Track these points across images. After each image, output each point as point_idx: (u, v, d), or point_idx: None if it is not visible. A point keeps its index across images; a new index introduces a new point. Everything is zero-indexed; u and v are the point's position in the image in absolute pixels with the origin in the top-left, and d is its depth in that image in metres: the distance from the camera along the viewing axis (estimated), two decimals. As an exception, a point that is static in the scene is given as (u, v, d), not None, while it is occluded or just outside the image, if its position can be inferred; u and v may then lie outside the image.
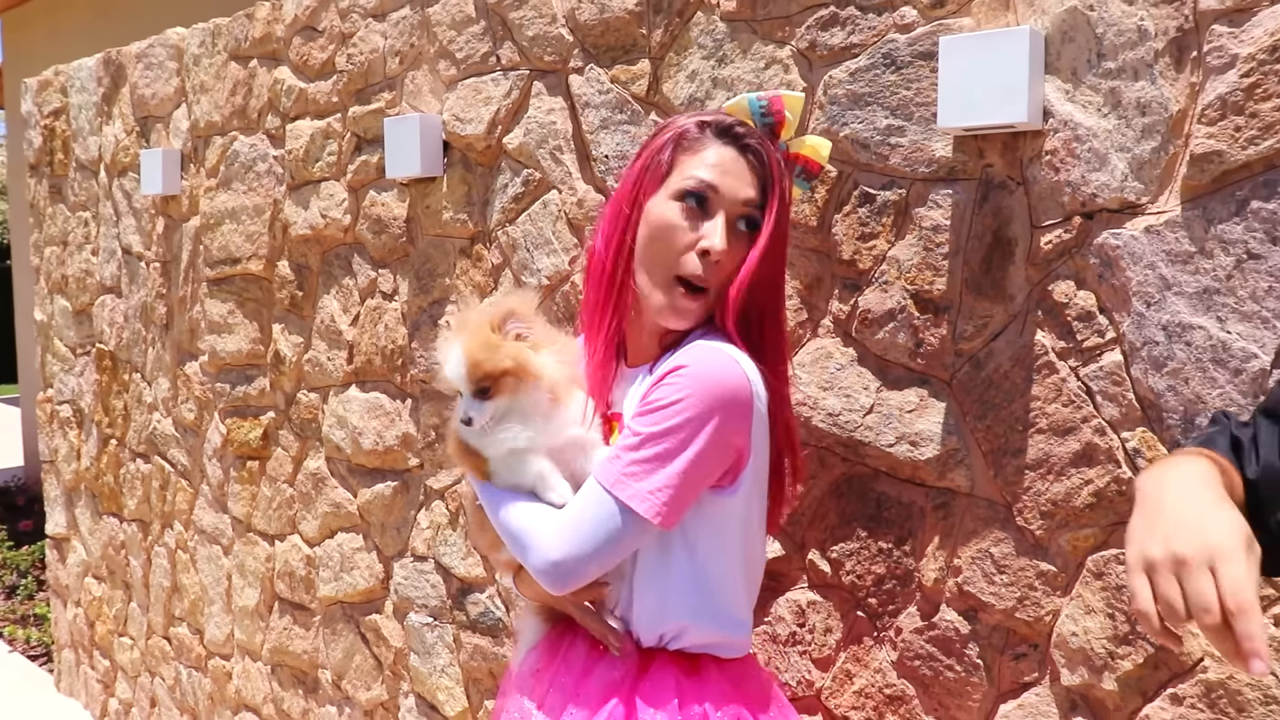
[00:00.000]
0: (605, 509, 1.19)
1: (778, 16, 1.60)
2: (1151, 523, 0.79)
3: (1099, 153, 1.32)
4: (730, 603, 1.28)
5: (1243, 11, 1.21)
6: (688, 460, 1.17)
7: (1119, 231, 1.31)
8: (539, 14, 1.90)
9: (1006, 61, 1.36)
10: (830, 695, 1.62)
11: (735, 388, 1.19)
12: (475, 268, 2.05)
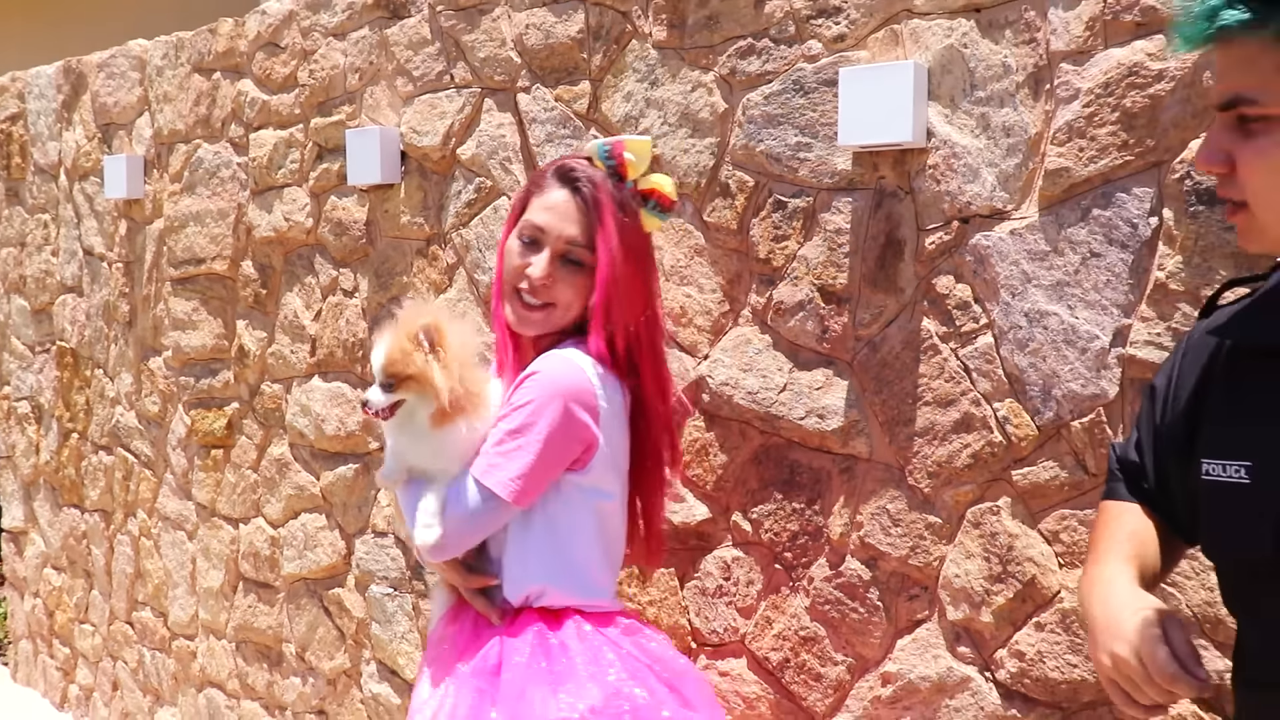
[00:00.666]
0: (474, 495, 1.48)
1: (702, 46, 1.83)
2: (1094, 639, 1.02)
3: (972, 167, 1.57)
4: (586, 569, 1.55)
5: (1084, 53, 1.47)
6: (537, 450, 1.46)
7: (989, 234, 1.56)
8: (490, 38, 2.11)
9: (895, 89, 1.60)
10: (753, 639, 1.85)
11: (577, 388, 1.48)
12: (431, 267, 2.25)
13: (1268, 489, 0.96)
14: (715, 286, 1.86)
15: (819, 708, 1.78)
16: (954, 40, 1.57)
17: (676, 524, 1.92)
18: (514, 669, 1.48)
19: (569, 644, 1.50)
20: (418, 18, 2.23)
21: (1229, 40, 0.89)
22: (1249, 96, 0.90)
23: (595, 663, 1.49)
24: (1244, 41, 0.88)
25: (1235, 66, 0.91)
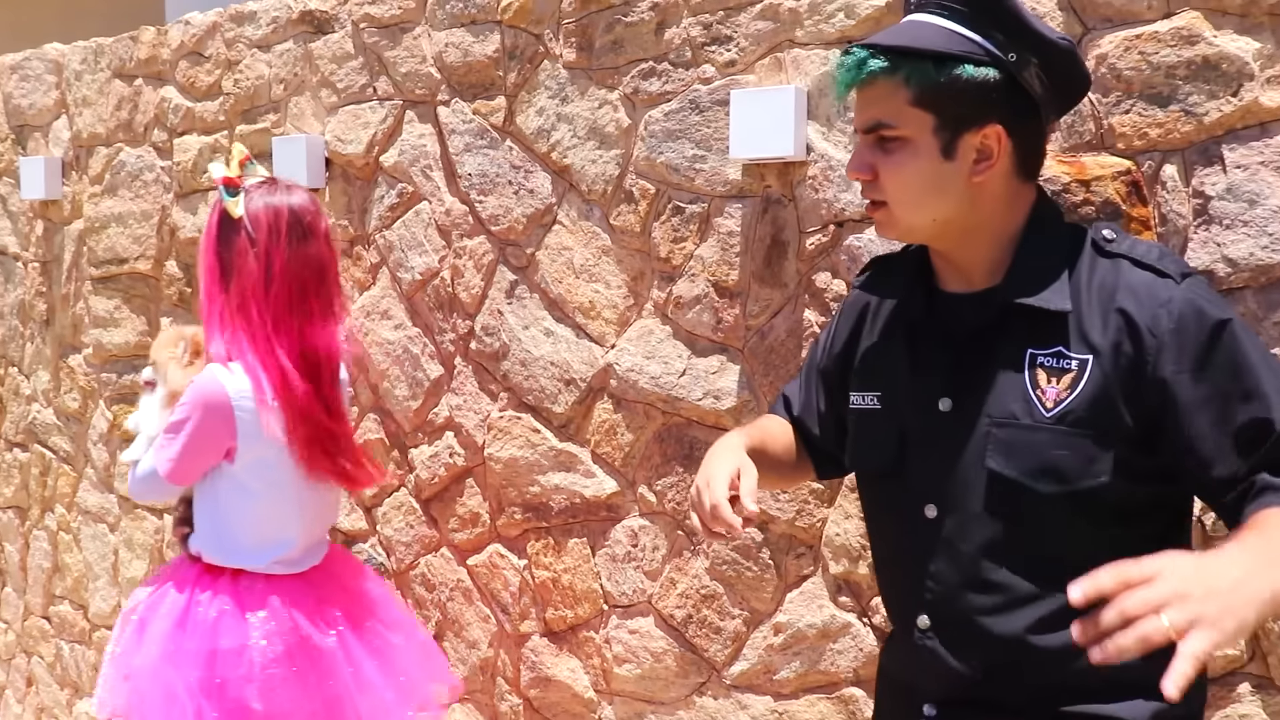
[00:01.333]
0: (147, 465, 1.89)
1: (608, 67, 2.04)
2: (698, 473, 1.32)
3: (845, 178, 1.81)
4: (237, 538, 1.87)
5: (934, 81, 1.72)
6: (182, 443, 1.81)
7: (860, 236, 1.80)
8: (411, 54, 2.28)
9: (779, 109, 1.83)
10: (659, 599, 2.06)
11: (213, 399, 1.79)
12: (356, 265, 2.41)
13: (889, 412, 1.30)
14: (621, 283, 2.07)
15: (719, 658, 2.00)
16: (830, 68, 1.81)
17: (588, 497, 2.12)
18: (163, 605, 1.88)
19: (204, 598, 1.86)
20: (341, 33, 2.39)
21: (871, 82, 1.20)
22: (887, 122, 1.20)
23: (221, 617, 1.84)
24: (881, 83, 1.19)
25: (875, 101, 1.21)
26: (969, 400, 1.22)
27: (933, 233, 1.25)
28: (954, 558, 1.22)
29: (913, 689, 1.29)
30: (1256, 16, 1.55)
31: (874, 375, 1.33)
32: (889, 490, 1.31)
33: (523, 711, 2.26)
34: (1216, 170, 1.59)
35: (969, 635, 1.22)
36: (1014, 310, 1.21)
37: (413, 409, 2.35)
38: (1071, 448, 1.16)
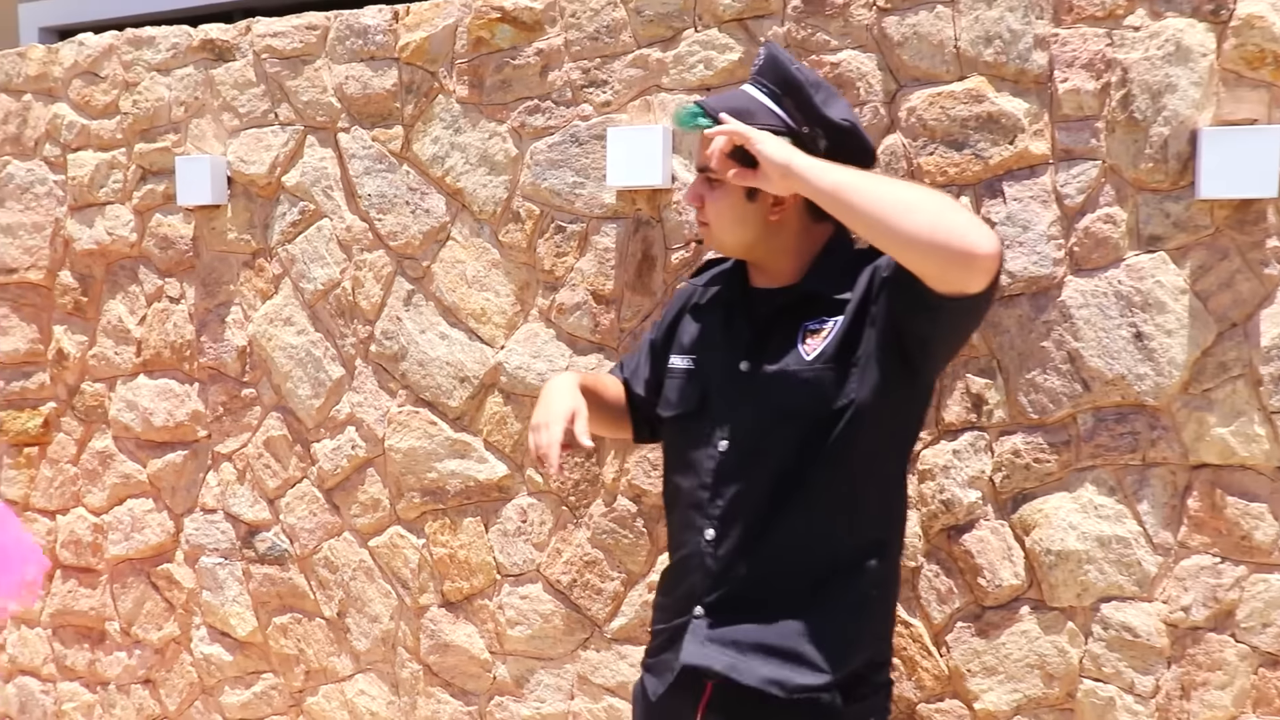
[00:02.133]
0: None
1: (498, 103, 2.33)
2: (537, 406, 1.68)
3: (703, 204, 2.16)
4: None
5: (776, 125, 2.09)
6: None
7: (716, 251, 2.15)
8: (312, 84, 2.51)
9: (648, 144, 2.16)
10: (546, 567, 2.36)
11: None
12: (259, 276, 2.62)
13: (699, 371, 1.69)
14: (509, 292, 2.36)
15: (600, 615, 2.32)
16: (673, 117, 2.15)
17: (481, 480, 2.40)
18: None
19: None
20: (243, 62, 2.59)
21: (700, 133, 1.60)
22: (711, 167, 1.60)
23: None
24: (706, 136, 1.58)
25: (702, 149, 1.61)
26: (761, 361, 1.62)
27: (742, 251, 1.69)
28: (735, 480, 1.61)
29: (689, 592, 1.64)
30: (1025, 83, 1.98)
31: (692, 344, 1.73)
32: (690, 430, 1.68)
33: (423, 676, 2.52)
34: (999, 202, 2.01)
35: (744, 541, 1.60)
36: (801, 297, 1.62)
37: (315, 407, 2.57)
38: (823, 379, 1.57)
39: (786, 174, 1.49)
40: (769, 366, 1.61)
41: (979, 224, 1.47)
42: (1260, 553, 1.92)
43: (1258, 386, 1.90)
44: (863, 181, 1.48)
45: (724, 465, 1.62)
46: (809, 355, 1.59)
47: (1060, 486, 2.01)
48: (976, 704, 2.07)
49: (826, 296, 1.61)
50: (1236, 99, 1.88)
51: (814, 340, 1.60)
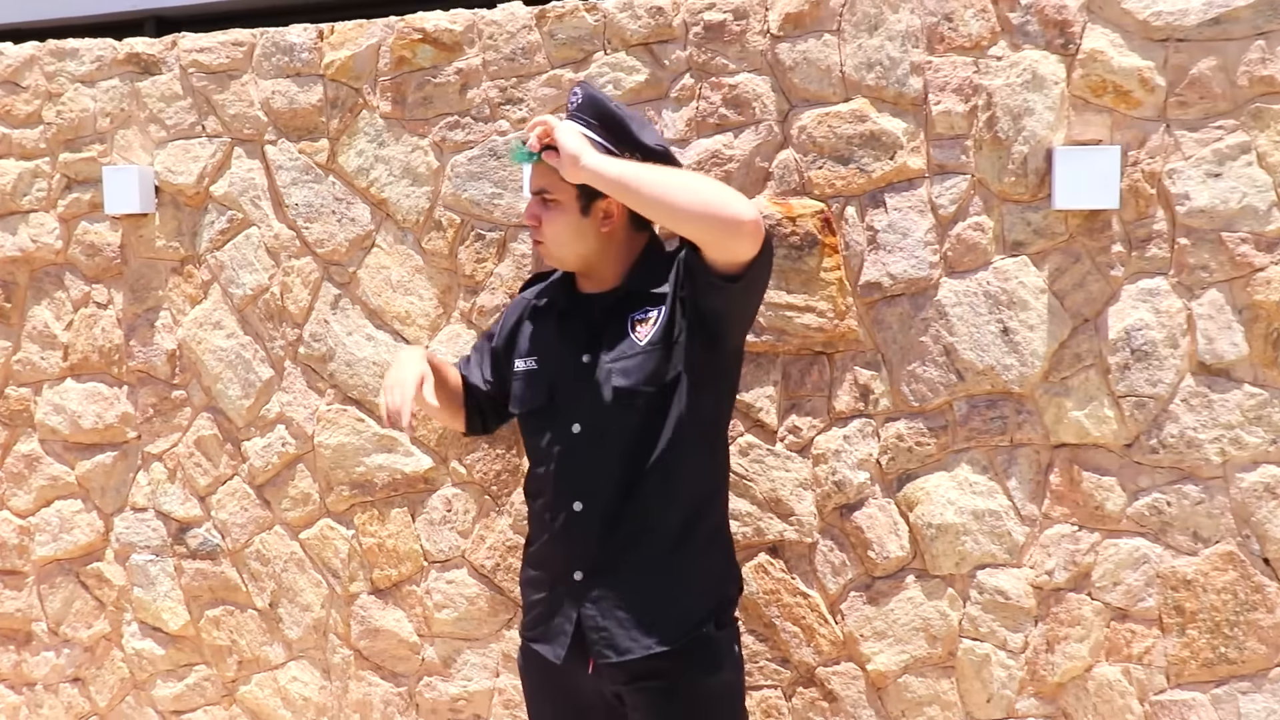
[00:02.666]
0: None
1: (420, 119, 2.47)
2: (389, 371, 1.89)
3: (614, 213, 2.33)
4: None
5: (685, 140, 2.28)
6: None
7: (627, 258, 2.32)
8: (239, 98, 2.62)
9: (562, 158, 2.33)
10: (471, 553, 2.51)
11: None
12: (187, 282, 2.71)
13: (544, 370, 1.91)
14: (432, 296, 2.51)
15: (521, 596, 2.48)
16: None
17: (407, 473, 2.54)
18: None
19: None
20: (169, 75, 2.68)
21: (540, 163, 1.81)
22: (548, 189, 1.83)
23: None
24: (544, 164, 1.80)
25: (541, 174, 1.83)
26: (599, 353, 1.85)
27: (577, 263, 1.90)
28: (592, 457, 1.83)
29: (565, 561, 1.85)
30: (903, 105, 2.20)
31: (533, 347, 1.95)
32: (543, 421, 1.89)
33: (354, 661, 2.64)
34: (881, 211, 2.22)
35: (609, 508, 1.82)
36: (626, 295, 1.86)
37: (245, 406, 2.67)
38: (655, 358, 1.81)
39: (576, 163, 1.73)
40: (606, 355, 1.84)
41: (741, 198, 1.75)
42: (1111, 520, 2.17)
43: (1107, 374, 2.15)
44: (643, 171, 1.74)
45: (581, 446, 1.84)
46: (640, 341, 1.84)
47: (939, 467, 2.24)
48: (869, 665, 2.29)
49: (647, 292, 1.86)
50: (1084, 122, 2.12)
51: (643, 328, 1.85)
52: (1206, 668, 2.16)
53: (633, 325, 1.86)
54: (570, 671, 1.86)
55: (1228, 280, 2.10)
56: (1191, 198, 2.09)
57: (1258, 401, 2.10)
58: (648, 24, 2.31)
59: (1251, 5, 2.04)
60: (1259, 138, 2.07)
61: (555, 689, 1.92)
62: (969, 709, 2.26)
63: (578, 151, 1.73)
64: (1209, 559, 2.14)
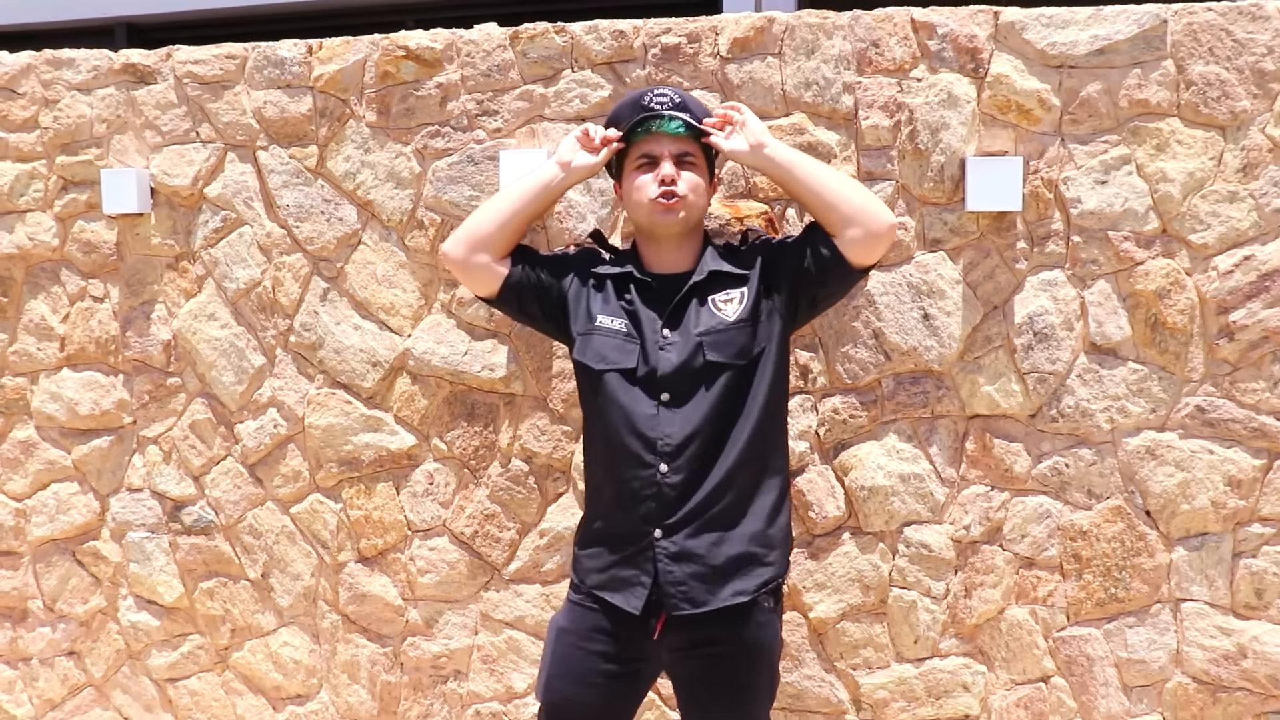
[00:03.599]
0: None
1: (403, 128, 2.72)
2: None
3: (580, 213, 2.61)
4: None
5: (642, 149, 2.56)
6: None
7: (593, 254, 2.60)
8: (232, 107, 2.84)
9: (534, 164, 2.59)
10: (451, 522, 2.77)
11: None
12: (182, 277, 2.92)
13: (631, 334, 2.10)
14: (415, 289, 2.76)
15: (499, 560, 2.74)
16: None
17: (392, 450, 2.78)
18: None
19: None
20: (164, 85, 2.89)
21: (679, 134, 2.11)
22: (691, 153, 2.12)
23: None
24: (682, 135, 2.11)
25: (679, 142, 2.11)
26: (685, 328, 2.08)
27: (694, 224, 2.15)
28: (681, 424, 2.05)
29: (644, 519, 2.06)
30: (837, 120, 2.50)
31: (618, 309, 2.13)
32: (629, 384, 2.07)
33: (342, 625, 2.88)
34: (816, 213, 2.52)
35: (693, 474, 2.04)
36: (710, 276, 2.12)
37: (239, 392, 2.89)
38: (745, 334, 2.07)
39: (762, 146, 2.10)
40: (695, 329, 2.07)
41: (882, 203, 2.13)
42: (1019, 481, 2.50)
43: (1013, 354, 2.48)
44: (809, 162, 2.14)
45: (669, 412, 2.05)
46: (729, 318, 2.08)
47: (870, 436, 2.55)
48: (811, 614, 2.59)
49: (725, 274, 2.13)
50: (992, 135, 2.45)
51: (729, 306, 2.10)
52: (1099, 606, 2.50)
53: (716, 305, 2.10)
54: (634, 626, 2.05)
55: (1114, 272, 2.44)
56: (1083, 201, 2.43)
57: (1139, 376, 2.45)
58: (611, 45, 2.59)
59: (1129, 39, 2.38)
60: (1137, 151, 2.41)
61: (608, 641, 2.09)
62: (899, 650, 2.57)
63: (764, 134, 2.13)
64: (1101, 513, 2.48)
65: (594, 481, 2.20)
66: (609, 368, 2.10)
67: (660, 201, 2.08)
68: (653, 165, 2.11)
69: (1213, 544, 2.45)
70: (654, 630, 2.06)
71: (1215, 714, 2.47)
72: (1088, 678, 2.51)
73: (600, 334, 2.13)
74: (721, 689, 2.08)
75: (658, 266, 2.16)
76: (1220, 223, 2.40)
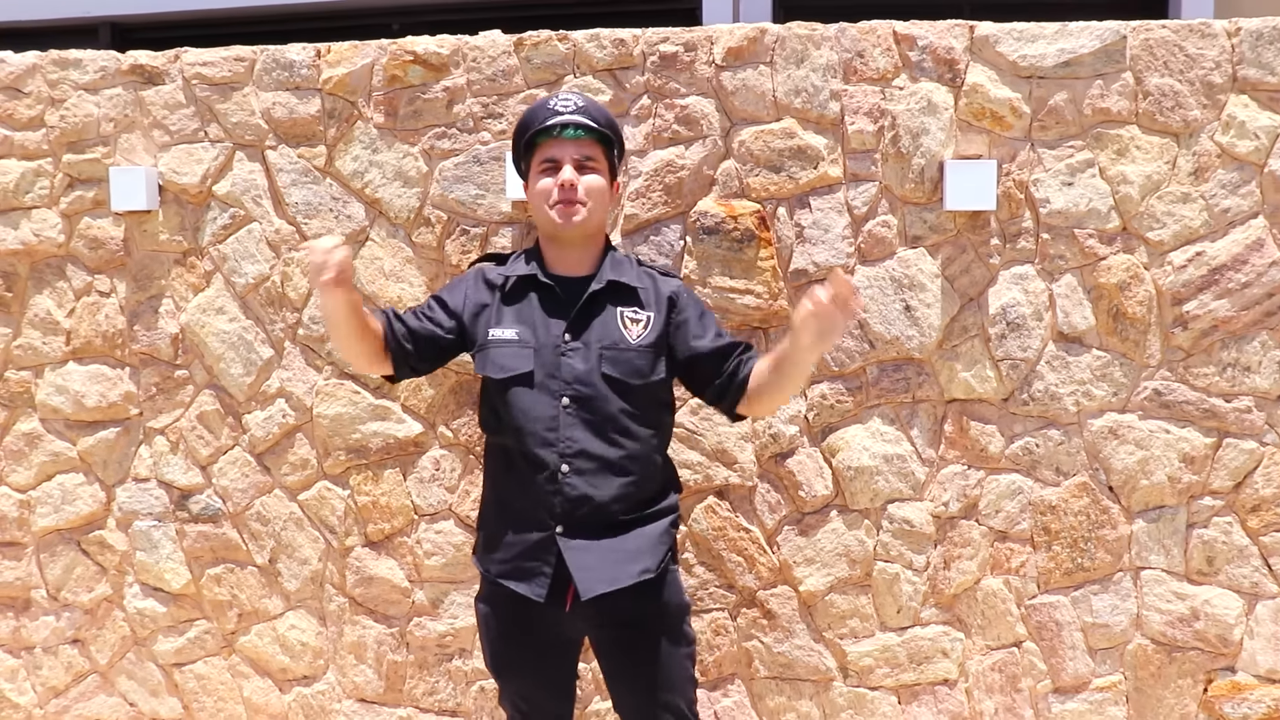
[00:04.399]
0: None
1: (410, 129, 2.85)
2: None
3: (583, 211, 2.75)
4: None
5: (643, 152, 2.71)
6: None
7: (594, 250, 2.75)
8: (240, 108, 2.94)
9: (538, 164, 2.74)
10: (456, 506, 2.89)
11: None
12: (190, 272, 3.01)
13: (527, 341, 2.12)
14: (421, 283, 2.88)
15: (503, 542, 2.87)
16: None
17: (400, 437, 2.90)
18: None
19: None
20: (172, 86, 2.98)
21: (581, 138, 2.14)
22: (593, 156, 2.14)
23: None
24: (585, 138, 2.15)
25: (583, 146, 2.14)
26: (585, 336, 2.13)
27: (593, 231, 2.18)
28: (585, 425, 2.10)
29: (547, 513, 2.10)
30: (824, 125, 2.68)
31: (513, 318, 2.16)
32: (528, 388, 2.11)
33: (348, 607, 2.99)
34: (807, 211, 2.70)
35: (594, 471, 2.10)
36: (610, 285, 2.16)
37: (247, 383, 2.99)
38: (646, 359, 2.15)
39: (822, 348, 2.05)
40: (596, 341, 2.12)
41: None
42: (993, 460, 2.70)
43: (988, 343, 2.68)
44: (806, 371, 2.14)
45: (570, 415, 2.10)
46: (633, 340, 2.14)
47: (856, 420, 2.73)
48: (801, 587, 2.77)
49: (627, 288, 2.17)
50: (968, 140, 2.65)
51: (635, 328, 2.15)
52: (1067, 575, 2.71)
53: (623, 321, 2.15)
54: (544, 609, 2.14)
55: (1079, 267, 2.66)
56: (1051, 202, 2.64)
57: (1102, 362, 2.66)
58: (611, 53, 2.74)
59: (1092, 53, 2.60)
60: (1100, 155, 2.63)
61: (526, 625, 2.16)
62: (883, 619, 2.76)
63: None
64: (1068, 489, 2.69)
65: (497, 474, 2.24)
66: (507, 375, 2.15)
67: (560, 206, 2.14)
68: (555, 169, 2.15)
69: (1169, 516, 2.67)
70: (565, 605, 2.14)
71: (1171, 673, 2.70)
72: (1057, 642, 2.72)
73: (494, 346, 2.17)
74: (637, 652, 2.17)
75: (560, 268, 2.20)
76: (1175, 221, 2.62)
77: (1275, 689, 2.67)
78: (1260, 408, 2.64)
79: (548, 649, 2.21)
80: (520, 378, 2.14)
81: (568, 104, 2.17)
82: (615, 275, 2.19)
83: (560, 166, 2.15)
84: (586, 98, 2.21)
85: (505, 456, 2.19)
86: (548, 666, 2.23)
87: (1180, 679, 2.70)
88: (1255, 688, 2.68)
